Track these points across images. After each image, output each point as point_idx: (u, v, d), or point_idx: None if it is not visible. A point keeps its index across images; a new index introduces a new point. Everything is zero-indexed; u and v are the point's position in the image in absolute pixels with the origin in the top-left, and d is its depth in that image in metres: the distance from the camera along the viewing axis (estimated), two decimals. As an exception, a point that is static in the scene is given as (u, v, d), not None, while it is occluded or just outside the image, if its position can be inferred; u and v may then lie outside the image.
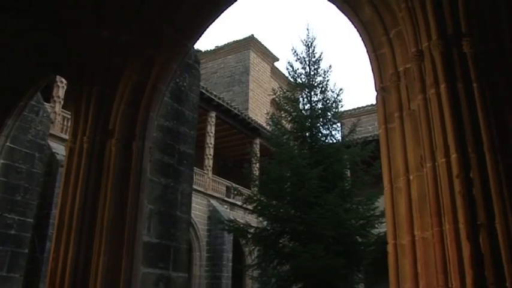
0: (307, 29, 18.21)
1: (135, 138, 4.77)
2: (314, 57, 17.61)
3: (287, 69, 17.86)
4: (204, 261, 22.01)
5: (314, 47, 17.74)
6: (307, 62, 17.54)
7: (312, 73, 17.41)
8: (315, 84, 17.30)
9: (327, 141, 16.79)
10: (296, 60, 17.65)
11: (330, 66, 17.70)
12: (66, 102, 15.52)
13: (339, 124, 18.46)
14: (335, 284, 13.09)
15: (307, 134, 16.54)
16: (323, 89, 17.29)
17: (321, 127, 16.77)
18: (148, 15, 4.88)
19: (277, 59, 40.13)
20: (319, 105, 17.09)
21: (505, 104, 3.02)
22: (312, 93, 17.25)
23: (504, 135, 2.92)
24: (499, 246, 2.64)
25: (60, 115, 15.87)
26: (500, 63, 3.13)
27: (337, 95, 17.11)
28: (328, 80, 17.41)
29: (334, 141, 17.18)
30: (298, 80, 17.49)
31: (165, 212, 6.17)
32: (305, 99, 17.35)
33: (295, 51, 17.72)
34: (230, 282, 22.00)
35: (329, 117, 16.95)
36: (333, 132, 17.22)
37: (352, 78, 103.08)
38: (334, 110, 17.09)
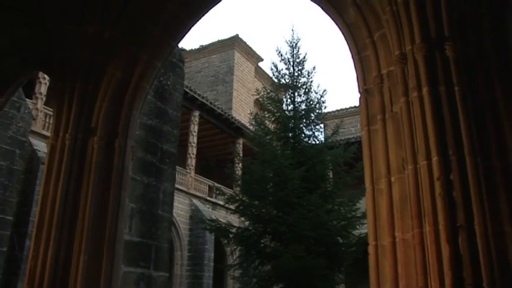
0: (292, 30, 18.44)
1: (118, 136, 4.75)
2: (298, 58, 17.67)
3: (271, 69, 17.90)
4: (185, 261, 21.93)
5: (298, 48, 17.82)
6: (292, 63, 17.60)
7: (296, 74, 17.46)
8: (299, 85, 17.35)
9: (309, 142, 16.85)
10: (280, 61, 17.73)
11: (314, 68, 17.78)
12: (49, 99, 15.37)
13: (322, 125, 18.53)
14: (316, 284, 13.14)
15: (290, 134, 16.58)
16: (307, 90, 17.36)
17: (304, 128, 16.82)
18: (133, 13, 4.86)
19: (262, 59, 40.14)
20: (303, 106, 17.15)
21: (485, 108, 3.06)
22: (296, 94, 17.30)
23: (484, 138, 2.96)
24: (477, 248, 2.68)
25: (42, 112, 15.70)
26: (481, 67, 3.17)
27: (321, 96, 17.21)
28: (312, 81, 17.51)
29: (317, 142, 17.25)
30: (282, 80, 17.53)
31: (147, 211, 6.14)
32: (289, 100, 17.41)
33: (279, 52, 17.78)
34: (211, 282, 21.95)
35: (312, 118, 17.01)
36: (316, 133, 17.32)
37: (335, 80, 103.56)
38: (317, 111, 17.15)
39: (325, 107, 17.55)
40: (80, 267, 4.23)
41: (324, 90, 17.31)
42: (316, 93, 17.32)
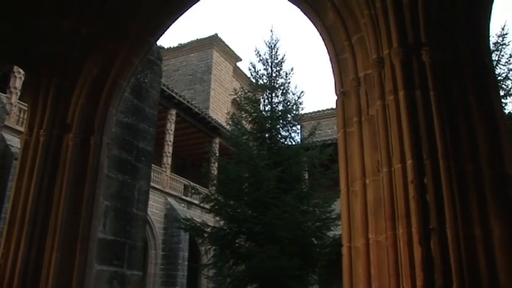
0: (271, 31, 18.35)
1: (93, 133, 4.71)
2: (277, 59, 17.70)
3: (249, 69, 17.91)
4: (159, 260, 21.80)
5: (277, 49, 17.84)
6: (270, 64, 17.62)
7: (274, 75, 17.49)
8: (277, 86, 17.39)
9: (286, 143, 16.88)
10: (259, 61, 17.71)
11: (292, 69, 17.87)
12: (23, 94, 15.13)
13: (298, 126, 18.59)
14: (290, 285, 13.18)
15: (266, 135, 16.60)
16: (284, 91, 17.39)
17: (280, 129, 16.86)
18: (112, 8, 4.82)
19: (240, 59, 40.13)
20: (280, 107, 17.19)
21: (459, 113, 3.11)
22: (273, 95, 17.33)
23: (457, 142, 3.00)
24: (448, 250, 2.72)
25: (17, 106, 15.43)
26: (456, 72, 3.23)
27: (298, 98, 17.26)
28: (289, 82, 17.54)
29: (294, 143, 17.29)
30: (260, 81, 17.55)
31: (122, 209, 6.09)
32: (266, 101, 17.42)
33: (258, 52, 17.77)
34: (185, 281, 21.86)
35: (289, 119, 17.06)
36: (293, 134, 17.36)
37: (313, 82, 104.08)
38: (294, 112, 17.21)
39: (302, 109, 17.62)
40: (52, 265, 4.19)
41: (302, 92, 17.39)
42: (293, 94, 17.39)
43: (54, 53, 4.73)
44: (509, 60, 13.76)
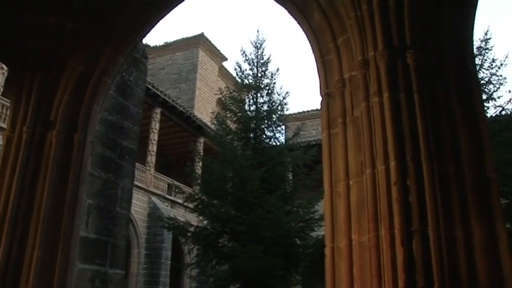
0: (257, 31, 18.36)
1: (77, 130, 4.67)
2: (262, 59, 17.71)
3: (235, 69, 17.90)
4: (142, 259, 21.72)
5: (263, 49, 17.86)
6: (255, 64, 17.62)
7: (260, 75, 17.50)
8: (262, 86, 17.39)
9: (270, 143, 16.90)
10: (244, 61, 17.71)
11: (278, 69, 17.87)
12: (6, 90, 14.92)
13: (283, 127, 18.64)
14: (272, 285, 13.19)
15: (251, 135, 16.60)
16: (269, 91, 17.41)
17: (265, 129, 16.87)
18: (97, 5, 4.78)
19: (226, 59, 40.10)
20: (265, 107, 17.20)
21: (442, 116, 3.14)
22: (258, 95, 17.33)
23: (440, 145, 3.03)
24: (430, 252, 2.74)
25: (-1, 103, 15.29)
26: (440, 76, 3.26)
27: (283, 98, 17.29)
28: (275, 83, 17.57)
29: (278, 143, 17.32)
30: (246, 81, 17.55)
31: (105, 207, 6.05)
32: (251, 101, 17.43)
33: (244, 52, 17.76)
34: (168, 281, 21.79)
35: (274, 119, 17.08)
36: (277, 135, 17.38)
37: (298, 82, 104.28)
38: (279, 112, 17.24)
39: (287, 109, 17.66)
40: (33, 263, 4.15)
41: (287, 92, 17.42)
42: (278, 94, 17.42)
43: (38, 49, 4.68)
44: (491, 65, 13.93)
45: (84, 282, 5.55)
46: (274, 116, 17.08)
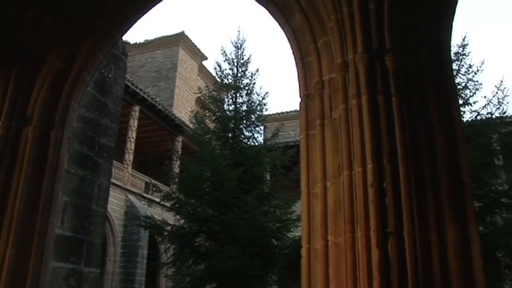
0: (238, 31, 18.34)
1: (54, 127, 4.61)
2: (243, 59, 17.71)
3: (215, 69, 17.86)
4: (118, 257, 21.54)
5: (243, 49, 17.85)
6: (235, 64, 17.61)
7: (239, 75, 17.50)
8: (241, 86, 17.39)
9: (249, 143, 16.89)
10: (224, 61, 17.68)
11: (258, 70, 17.88)
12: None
13: (262, 127, 18.64)
14: (249, 285, 13.20)
15: (229, 134, 16.58)
16: (249, 91, 17.42)
17: (244, 129, 16.87)
18: (77, 1, 4.73)
19: (206, 58, 40.01)
20: (244, 107, 17.20)
21: (419, 120, 3.18)
22: (238, 95, 17.33)
23: (417, 148, 3.07)
24: (405, 254, 2.77)
25: (-27, 97, 15.01)
26: (417, 80, 3.30)
27: (262, 99, 17.31)
28: (254, 83, 17.57)
29: (256, 143, 17.31)
30: (225, 80, 17.53)
31: (81, 205, 5.99)
32: (230, 100, 17.42)
33: (224, 52, 17.74)
34: (144, 280, 21.65)
35: (253, 119, 17.09)
36: (256, 135, 17.38)
37: (278, 83, 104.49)
38: (258, 113, 17.25)
39: (266, 110, 17.68)
40: (6, 261, 4.08)
41: (266, 93, 17.45)
42: (258, 95, 17.43)
43: (16, 44, 4.61)
44: (468, 70, 14.15)
45: (59, 280, 5.48)
46: (253, 116, 17.09)
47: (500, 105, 14.15)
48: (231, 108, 17.25)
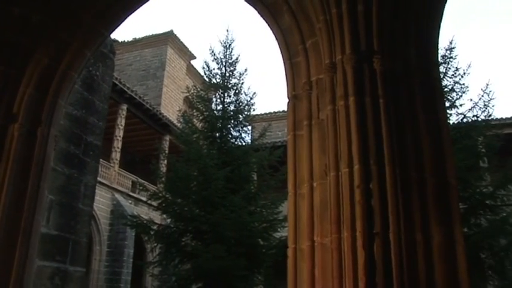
0: (227, 31, 18.31)
1: (41, 124, 4.57)
2: (231, 58, 17.70)
3: (203, 68, 17.84)
4: (104, 256, 21.42)
5: (232, 49, 17.84)
6: (224, 63, 17.60)
7: (228, 74, 17.49)
8: (230, 86, 17.39)
9: (236, 143, 16.89)
10: (213, 60, 17.67)
11: (246, 70, 17.92)
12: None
13: (249, 127, 18.67)
14: (235, 285, 13.20)
15: (217, 134, 16.57)
16: (237, 91, 17.41)
17: (231, 129, 16.86)
18: (65, -2, 4.69)
19: (195, 57, 39.92)
20: (232, 107, 17.19)
21: (406, 121, 3.20)
22: (226, 95, 17.32)
23: (403, 150, 3.09)
24: (391, 255, 2.79)
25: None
26: (405, 82, 3.32)
27: (250, 99, 17.32)
28: (242, 83, 17.57)
29: (244, 143, 17.32)
30: (213, 80, 17.51)
31: (67, 204, 5.95)
32: (218, 100, 17.40)
33: (212, 51, 17.72)
34: (130, 279, 21.54)
35: (240, 119, 17.09)
36: (243, 135, 17.39)
37: (266, 83, 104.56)
38: (246, 113, 17.25)
39: (253, 110, 17.69)
40: (-10, 259, 4.05)
41: (254, 93, 17.46)
42: (246, 95, 17.44)
43: (2, 41, 4.57)
44: (455, 73, 14.29)
45: (43, 279, 5.44)
46: (240, 116, 17.09)
47: (486, 108, 14.33)
48: (218, 107, 17.24)
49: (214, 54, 17.68)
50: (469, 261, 2.98)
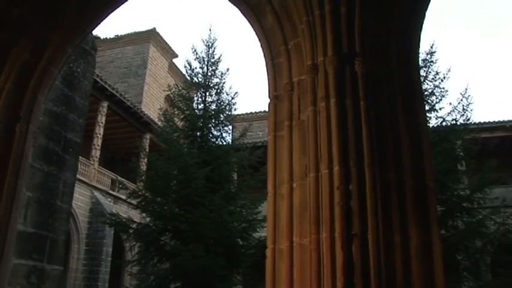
0: (210, 30, 18.30)
1: (19, 120, 4.51)
2: (213, 58, 17.69)
3: (185, 67, 17.79)
4: (82, 255, 21.19)
5: (214, 48, 17.83)
6: (206, 62, 17.58)
7: (209, 74, 17.48)
8: (211, 85, 17.38)
9: (217, 142, 16.89)
10: (195, 59, 17.64)
11: (228, 69, 17.91)
12: None
13: (230, 127, 18.69)
14: (213, 285, 13.18)
15: (198, 133, 16.55)
16: (218, 90, 17.41)
17: (212, 128, 16.86)
18: (46, -8, 4.64)
19: (177, 56, 39.77)
20: (213, 107, 17.19)
21: (386, 124, 3.22)
22: (207, 94, 17.31)
23: (383, 152, 3.11)
24: (369, 256, 2.81)
25: None
26: (386, 85, 3.34)
27: (232, 98, 17.34)
28: (224, 83, 17.60)
29: (224, 143, 17.33)
30: (195, 79, 17.47)
31: (45, 201, 5.88)
32: (199, 99, 17.38)
33: (195, 50, 17.69)
34: (108, 278, 21.36)
35: (221, 119, 17.10)
36: (224, 135, 17.40)
37: (247, 83, 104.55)
38: (227, 112, 17.27)
39: (235, 109, 17.72)
40: (-35, 256, 3.99)
41: (236, 93, 17.48)
42: (227, 94, 17.46)
43: (-20, 34, 4.50)
44: (435, 77, 14.49)
45: (19, 278, 5.37)
46: (222, 115, 17.09)
47: (465, 112, 14.56)
48: (200, 107, 17.22)
49: (197, 53, 17.67)
50: (445, 262, 3.02)
